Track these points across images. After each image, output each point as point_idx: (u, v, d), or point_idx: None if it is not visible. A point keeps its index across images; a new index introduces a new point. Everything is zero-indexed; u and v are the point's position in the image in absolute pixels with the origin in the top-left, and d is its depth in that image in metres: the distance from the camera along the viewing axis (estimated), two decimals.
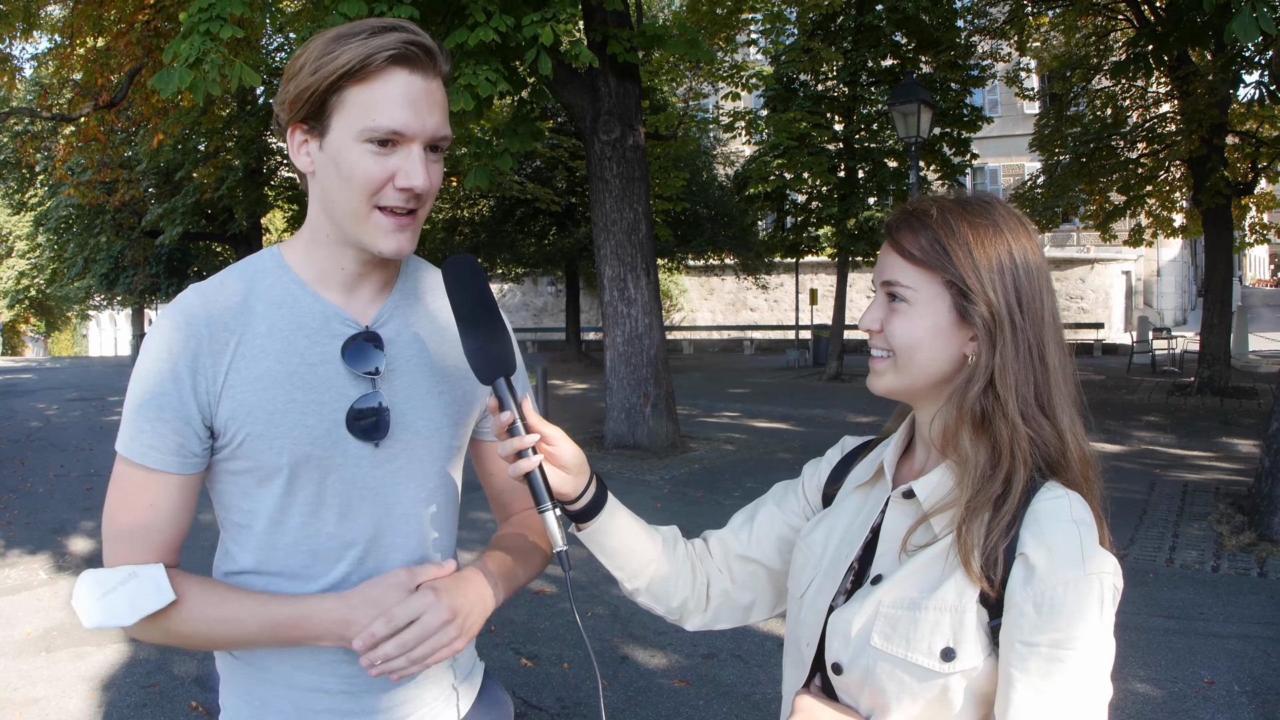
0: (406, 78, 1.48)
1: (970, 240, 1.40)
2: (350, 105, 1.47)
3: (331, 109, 1.48)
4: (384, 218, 1.52)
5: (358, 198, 1.50)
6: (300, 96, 1.48)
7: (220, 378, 1.52)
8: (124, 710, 5.03)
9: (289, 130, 1.54)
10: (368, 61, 1.45)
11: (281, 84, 1.54)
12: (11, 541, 8.58)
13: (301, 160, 1.55)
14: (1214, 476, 10.58)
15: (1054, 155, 20.05)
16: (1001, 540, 1.32)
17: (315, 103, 1.48)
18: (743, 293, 40.89)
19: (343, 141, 1.48)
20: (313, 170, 1.55)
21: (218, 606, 1.53)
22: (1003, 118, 36.29)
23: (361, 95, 1.46)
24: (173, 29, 13.31)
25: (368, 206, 1.51)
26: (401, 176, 1.49)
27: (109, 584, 1.49)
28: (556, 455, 1.56)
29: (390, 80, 1.47)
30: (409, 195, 1.51)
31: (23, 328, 52.79)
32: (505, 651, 5.66)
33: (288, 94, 1.51)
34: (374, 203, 1.51)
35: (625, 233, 12.23)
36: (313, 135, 1.52)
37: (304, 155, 1.55)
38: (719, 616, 1.78)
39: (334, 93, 1.47)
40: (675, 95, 25.84)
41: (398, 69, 1.47)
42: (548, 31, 9.58)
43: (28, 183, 33.47)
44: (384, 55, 1.45)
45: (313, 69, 1.47)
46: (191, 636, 1.54)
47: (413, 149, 1.49)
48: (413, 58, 1.48)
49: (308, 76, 1.47)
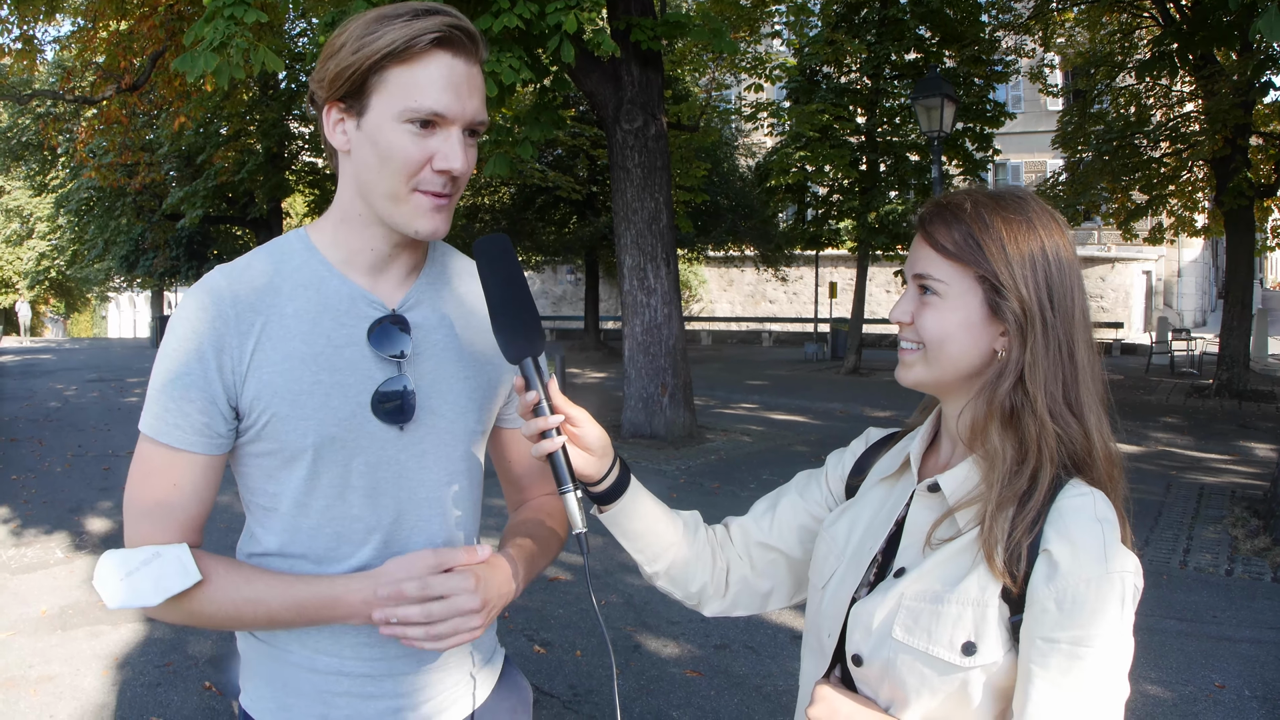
0: (449, 61, 1.48)
1: (1004, 235, 1.39)
2: (392, 85, 1.47)
3: (372, 88, 1.48)
4: (422, 198, 1.52)
5: (396, 178, 1.50)
6: (341, 74, 1.48)
7: (246, 358, 1.52)
8: (138, 689, 5.07)
9: (325, 108, 1.54)
10: (412, 43, 1.44)
11: (319, 62, 1.54)
12: (29, 520, 8.63)
13: (337, 139, 1.55)
14: (1230, 480, 10.54)
15: (1077, 152, 19.94)
16: (1025, 536, 1.32)
17: (356, 81, 1.48)
18: (762, 284, 40.91)
19: (382, 121, 1.48)
20: (348, 149, 1.54)
21: (243, 587, 1.53)
22: (1026, 114, 36.22)
23: (404, 76, 1.46)
24: (195, 13, 13.33)
25: (406, 187, 1.51)
26: (440, 159, 1.49)
27: (132, 564, 1.48)
28: (581, 437, 1.56)
29: (433, 62, 1.47)
30: (446, 178, 1.51)
31: (42, 308, 53.04)
32: (518, 638, 5.68)
33: (327, 72, 1.50)
34: (411, 184, 1.51)
35: (646, 222, 12.23)
36: (350, 114, 1.52)
37: (340, 134, 1.54)
38: (737, 603, 1.78)
39: (376, 72, 1.46)
40: (698, 85, 25.79)
41: (441, 52, 1.47)
42: (571, 19, 9.57)
43: (49, 164, 33.65)
44: (429, 37, 1.45)
45: (354, 48, 1.46)
46: (216, 616, 1.54)
47: (452, 132, 1.50)
48: (456, 41, 1.48)
49: (349, 55, 1.47)
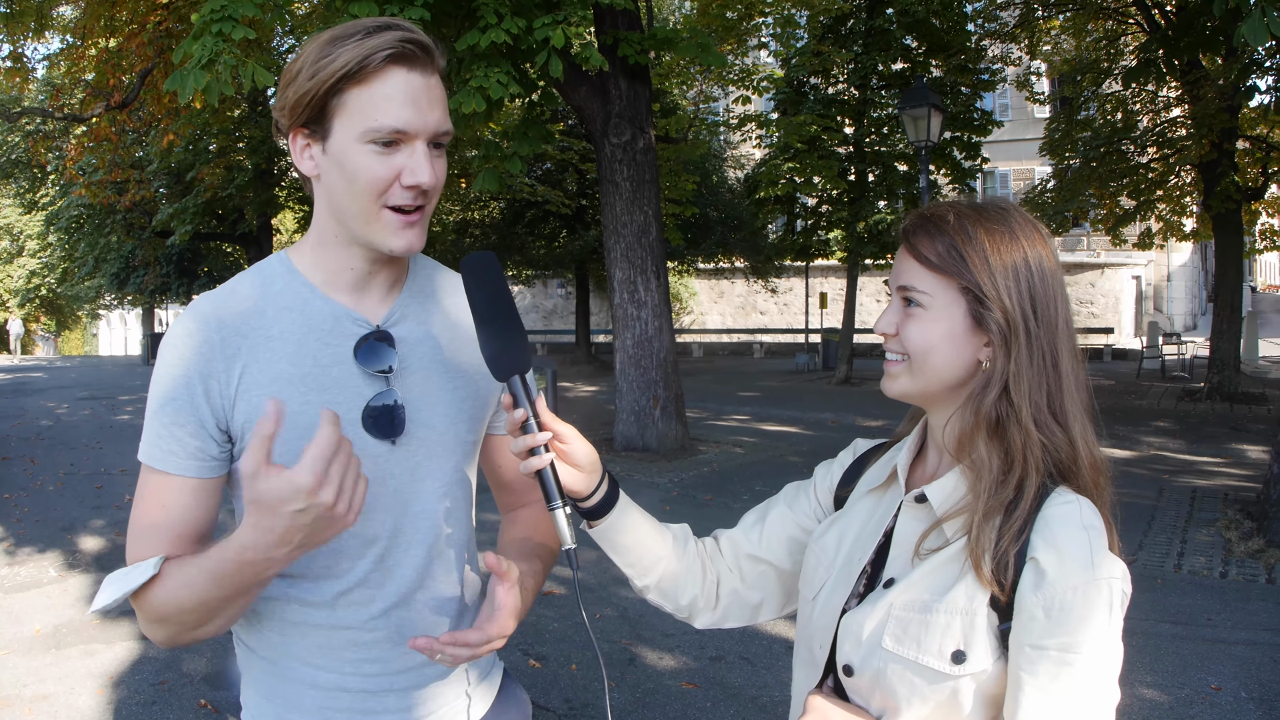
0: (405, 76, 1.48)
1: (987, 246, 1.41)
2: (351, 107, 1.46)
3: (332, 112, 1.48)
4: (392, 216, 1.52)
5: (365, 198, 1.50)
6: (300, 101, 1.48)
7: (234, 382, 1.52)
8: (133, 708, 5.05)
9: (290, 136, 1.54)
10: (365, 62, 1.44)
11: (279, 90, 1.54)
12: (21, 539, 8.60)
13: (305, 165, 1.54)
14: (1223, 482, 10.57)
15: (1064, 159, 20.05)
16: (1012, 545, 1.33)
17: (315, 107, 1.48)
18: (752, 296, 40.95)
19: (346, 144, 1.48)
20: (317, 174, 1.54)
21: (179, 573, 1.46)
22: (1013, 122, 36.31)
23: (361, 97, 1.46)
24: (184, 30, 13.34)
25: (376, 206, 1.51)
26: (408, 174, 1.49)
27: (114, 574, 1.52)
28: (569, 453, 1.57)
29: (389, 79, 1.46)
30: (416, 192, 1.51)
31: (33, 326, 52.88)
32: (513, 652, 5.67)
33: (287, 100, 1.50)
34: (382, 202, 1.51)
35: (635, 235, 12.25)
36: (315, 139, 1.52)
37: (307, 159, 1.54)
38: (728, 615, 1.79)
39: (334, 95, 1.46)
40: (685, 98, 25.86)
41: (396, 68, 1.47)
42: (559, 34, 9.59)
43: (39, 182, 33.59)
44: (382, 55, 1.45)
45: (310, 73, 1.46)
46: (172, 612, 1.47)
47: (416, 146, 1.49)
48: (410, 55, 1.48)
49: (306, 81, 1.47)
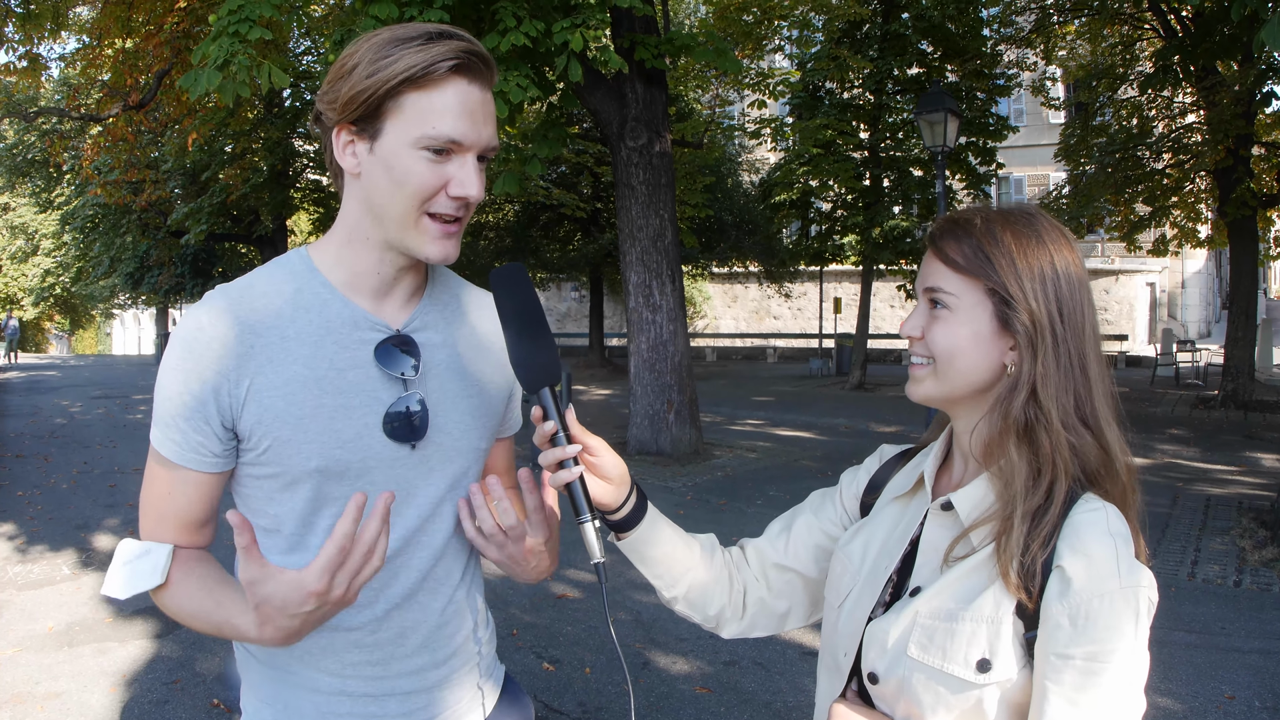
0: (466, 87, 1.47)
1: (1013, 249, 1.40)
2: (409, 111, 1.45)
3: (387, 113, 1.46)
4: (433, 224, 1.52)
5: (410, 203, 1.49)
6: (355, 98, 1.46)
7: (244, 381, 1.51)
8: (145, 706, 5.06)
9: (335, 130, 1.52)
10: (431, 69, 1.43)
11: (328, 82, 1.52)
12: (35, 537, 8.65)
13: (347, 161, 1.53)
14: (1237, 491, 10.52)
15: (1079, 165, 19.98)
16: (1040, 552, 1.32)
17: (370, 105, 1.46)
18: (766, 300, 40.93)
19: (398, 146, 1.47)
20: (358, 172, 1.53)
21: (187, 600, 1.52)
22: (1028, 127, 36.27)
23: (422, 102, 1.45)
24: (201, 31, 13.39)
25: (418, 212, 1.50)
26: (455, 185, 1.49)
27: (129, 555, 1.53)
28: (599, 466, 1.56)
29: (451, 89, 1.46)
30: (461, 204, 1.51)
31: (47, 324, 53.12)
32: (527, 655, 5.66)
33: (339, 94, 1.48)
34: (425, 209, 1.50)
35: (651, 239, 12.27)
36: (362, 137, 1.50)
37: (350, 156, 1.52)
38: (755, 624, 1.78)
39: (392, 97, 1.45)
40: (701, 102, 25.85)
41: (458, 78, 1.46)
42: (578, 37, 9.62)
43: (55, 181, 33.82)
44: (447, 64, 1.44)
45: (368, 71, 1.45)
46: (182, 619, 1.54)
47: (468, 158, 1.49)
48: (473, 67, 1.48)
49: (363, 79, 1.45)
